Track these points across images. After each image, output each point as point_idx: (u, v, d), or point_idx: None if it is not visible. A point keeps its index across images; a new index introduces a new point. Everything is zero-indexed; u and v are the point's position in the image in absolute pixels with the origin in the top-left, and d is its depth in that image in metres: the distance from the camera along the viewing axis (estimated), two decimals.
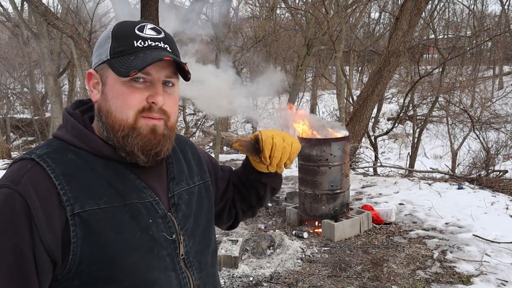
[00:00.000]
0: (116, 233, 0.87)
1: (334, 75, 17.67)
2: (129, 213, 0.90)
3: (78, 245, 0.84)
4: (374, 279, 3.57)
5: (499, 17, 18.98)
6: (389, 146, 16.71)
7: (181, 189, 1.05)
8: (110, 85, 0.93)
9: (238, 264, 3.80)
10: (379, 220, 4.82)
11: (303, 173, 4.76)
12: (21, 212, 0.81)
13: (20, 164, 0.89)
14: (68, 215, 0.84)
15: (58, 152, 0.91)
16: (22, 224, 0.81)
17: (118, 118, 0.92)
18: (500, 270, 3.64)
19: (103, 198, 0.88)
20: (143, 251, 0.90)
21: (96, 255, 0.85)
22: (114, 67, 0.91)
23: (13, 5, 12.74)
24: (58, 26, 5.17)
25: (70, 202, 0.85)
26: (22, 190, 0.83)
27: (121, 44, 0.92)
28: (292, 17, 14.02)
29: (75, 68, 14.39)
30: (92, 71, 0.97)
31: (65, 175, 0.87)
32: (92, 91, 0.97)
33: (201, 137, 13.02)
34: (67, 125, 0.97)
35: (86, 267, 0.85)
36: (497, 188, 6.08)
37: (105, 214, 0.87)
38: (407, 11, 7.19)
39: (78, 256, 0.84)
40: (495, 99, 16.87)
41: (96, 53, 0.97)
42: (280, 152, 1.14)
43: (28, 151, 0.92)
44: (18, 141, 17.77)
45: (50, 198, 0.84)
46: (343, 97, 9.82)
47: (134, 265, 0.89)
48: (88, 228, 0.85)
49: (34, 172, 0.86)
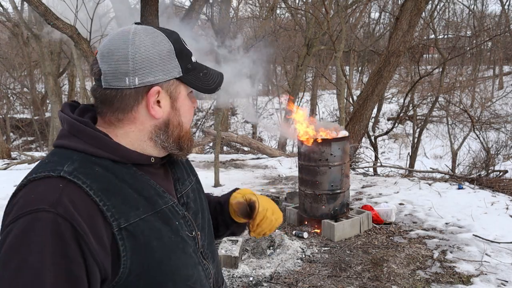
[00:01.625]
0: (158, 240, 0.90)
1: (334, 75, 17.67)
2: (161, 219, 0.93)
3: (128, 258, 0.86)
4: (374, 279, 3.57)
5: (499, 17, 18.99)
6: (389, 146, 16.71)
7: (186, 188, 1.09)
8: (182, 100, 0.99)
9: (238, 264, 3.80)
10: (379, 220, 4.82)
11: (303, 173, 4.76)
12: (69, 237, 0.78)
13: (47, 183, 0.83)
14: (115, 230, 0.84)
15: (85, 167, 0.87)
16: (73, 250, 0.78)
17: (186, 128, 1.02)
18: (500, 270, 3.64)
19: (140, 208, 0.90)
20: (178, 252, 0.95)
21: (144, 263, 0.87)
22: (193, 84, 0.98)
23: (13, 5, 12.74)
24: (58, 26, 5.16)
25: (115, 217, 0.85)
26: (64, 213, 0.79)
27: (187, 61, 0.97)
28: (292, 17, 14.03)
29: (75, 68, 14.38)
30: (160, 88, 0.93)
31: (103, 190, 0.85)
32: (154, 107, 0.94)
33: (201, 137, 13.01)
34: (80, 134, 0.91)
35: (134, 277, 0.87)
36: (497, 188, 6.08)
37: (145, 224, 0.89)
38: (407, 11, 7.19)
39: (127, 269, 0.86)
40: (495, 99, 16.88)
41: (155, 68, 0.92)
42: (267, 225, 1.24)
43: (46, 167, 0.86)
44: (18, 141, 17.77)
45: (94, 216, 0.82)
46: (343, 97, 9.82)
47: (175, 267, 0.94)
48: (135, 240, 0.87)
49: (69, 191, 0.82)
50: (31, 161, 9.77)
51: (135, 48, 0.90)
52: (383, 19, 19.23)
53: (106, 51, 0.92)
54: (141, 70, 0.91)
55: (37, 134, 17.16)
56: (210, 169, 8.45)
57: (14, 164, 9.68)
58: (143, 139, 0.96)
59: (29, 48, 16.92)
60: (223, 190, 6.66)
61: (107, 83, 0.91)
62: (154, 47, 0.92)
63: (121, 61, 0.90)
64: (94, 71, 0.93)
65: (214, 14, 10.61)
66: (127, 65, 0.90)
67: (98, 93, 0.94)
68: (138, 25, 0.96)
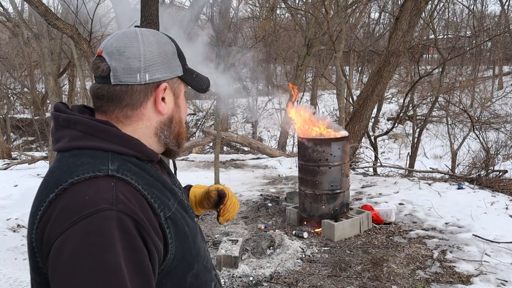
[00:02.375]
0: (187, 226, 0.99)
1: (334, 75, 17.68)
2: (182, 208, 1.01)
3: (174, 245, 0.93)
4: (374, 279, 3.58)
5: (499, 17, 19.00)
6: (389, 146, 16.71)
7: (176, 181, 1.16)
8: (182, 98, 1.07)
9: (238, 264, 3.80)
10: (379, 220, 4.82)
11: (303, 173, 4.77)
12: (134, 231, 0.82)
13: (98, 182, 0.84)
14: (162, 220, 0.91)
15: (124, 164, 0.91)
16: (139, 242, 0.82)
17: (184, 125, 1.09)
18: (500, 270, 3.65)
19: (171, 199, 0.97)
20: (198, 236, 1.07)
21: (183, 248, 0.96)
22: (191, 83, 1.07)
23: (13, 5, 12.74)
24: (58, 26, 5.16)
25: (161, 208, 0.91)
26: (124, 209, 0.82)
27: (184, 62, 1.05)
28: (292, 17, 14.03)
29: (75, 68, 14.38)
30: (167, 85, 1.00)
31: (146, 184, 0.91)
32: (161, 104, 1.00)
33: (201, 137, 13.01)
34: (103, 134, 0.92)
35: (175, 261, 0.94)
36: (497, 188, 6.08)
37: (178, 212, 0.97)
38: (407, 11, 7.20)
39: (173, 254, 0.93)
40: (495, 99, 16.89)
41: (162, 66, 0.98)
42: (234, 210, 1.40)
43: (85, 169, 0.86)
44: (18, 141, 17.77)
45: (146, 209, 0.87)
46: (343, 97, 9.83)
47: (198, 249, 1.03)
48: (176, 227, 0.94)
49: (121, 188, 0.85)
50: (31, 161, 9.77)
51: (145, 46, 0.96)
52: (383, 19, 19.25)
53: (115, 49, 0.95)
54: (151, 67, 0.96)
55: (37, 134, 17.16)
56: (210, 169, 8.45)
57: (15, 164, 9.69)
58: (149, 135, 1.01)
59: (30, 48, 16.93)
60: None
61: (117, 79, 0.94)
62: (162, 47, 0.99)
63: (132, 58, 0.94)
64: (102, 68, 0.95)
65: (214, 14, 10.61)
66: (139, 62, 0.95)
67: (105, 90, 0.95)
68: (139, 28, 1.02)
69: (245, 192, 6.62)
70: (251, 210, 5.62)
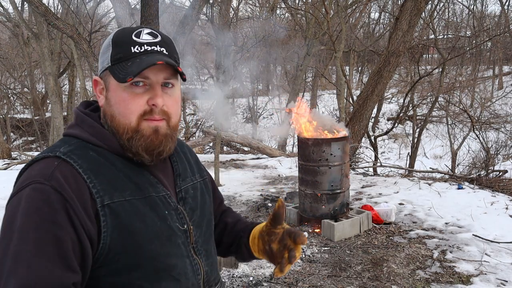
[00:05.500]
0: (141, 223, 0.95)
1: (334, 75, 17.68)
2: (149, 205, 0.98)
3: (108, 234, 0.90)
4: (374, 279, 3.58)
5: (499, 17, 19.01)
6: (389, 146, 16.72)
7: (186, 185, 1.12)
8: (112, 91, 1.00)
9: (238, 264, 3.80)
10: (379, 220, 4.82)
11: (303, 173, 4.77)
12: (58, 205, 0.86)
13: (45, 161, 0.93)
14: (99, 206, 0.91)
15: (80, 150, 0.97)
16: (61, 216, 0.86)
17: (121, 122, 0.99)
18: (500, 270, 3.64)
19: (127, 191, 0.95)
20: (163, 239, 0.98)
21: (125, 243, 0.92)
22: (114, 73, 0.98)
23: (13, 5, 12.74)
24: (58, 26, 5.17)
25: (99, 194, 0.91)
26: (55, 185, 0.88)
27: (120, 51, 0.99)
28: (292, 17, 14.04)
29: (75, 68, 14.38)
30: (97, 78, 1.04)
31: (92, 170, 0.93)
32: (99, 97, 1.04)
33: (201, 137, 13.02)
34: (82, 124, 1.02)
35: (114, 255, 0.91)
36: (496, 188, 6.08)
37: (130, 206, 0.94)
38: (407, 11, 7.20)
39: (107, 245, 0.91)
40: (495, 99, 16.88)
41: (100, 61, 1.04)
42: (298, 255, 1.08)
43: (47, 150, 0.97)
44: (18, 141, 17.77)
45: (82, 190, 0.90)
46: (343, 97, 9.83)
47: (157, 252, 0.96)
48: (117, 218, 0.92)
49: (62, 168, 0.91)
50: None
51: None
52: (383, 19, 19.25)
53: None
54: (99, 62, 1.06)
55: (37, 134, 17.16)
56: (210, 169, 8.45)
57: (15, 164, 9.68)
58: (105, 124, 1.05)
59: (30, 48, 16.93)
60: (223, 190, 6.67)
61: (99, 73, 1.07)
62: (104, 42, 1.05)
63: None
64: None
65: (214, 14, 10.62)
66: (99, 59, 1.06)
67: None
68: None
69: (245, 192, 6.63)
70: (251, 210, 5.62)
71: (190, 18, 6.01)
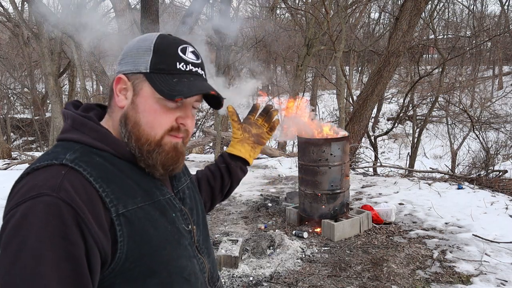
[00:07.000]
0: (154, 229, 0.93)
1: (334, 75, 17.67)
2: (158, 210, 0.97)
3: (125, 243, 0.88)
4: (374, 279, 3.58)
5: (499, 17, 19.01)
6: (389, 146, 16.73)
7: (182, 185, 1.13)
8: (143, 98, 0.96)
9: (238, 264, 3.80)
10: (379, 220, 4.83)
11: (303, 173, 4.77)
12: (69, 220, 0.80)
13: (50, 170, 0.86)
14: (113, 216, 0.87)
15: (86, 156, 0.91)
16: (74, 232, 0.80)
17: (146, 132, 0.96)
18: (500, 270, 3.65)
19: (137, 197, 0.93)
20: (174, 242, 0.98)
21: (141, 251, 0.90)
22: (155, 84, 0.94)
23: (13, 5, 12.74)
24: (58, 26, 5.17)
25: (113, 203, 0.88)
26: (65, 197, 0.81)
27: (163, 62, 0.96)
28: (292, 17, 14.04)
29: (75, 68, 14.39)
30: (123, 76, 0.98)
31: (102, 178, 0.89)
32: (118, 96, 0.98)
33: (201, 137, 13.02)
34: (82, 128, 0.96)
35: (130, 263, 0.89)
36: (496, 188, 6.09)
37: (143, 212, 0.92)
38: (407, 11, 7.20)
39: (124, 254, 0.88)
40: (495, 99, 16.88)
41: (130, 60, 0.98)
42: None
43: (48, 157, 0.89)
44: (18, 141, 17.78)
45: (94, 201, 0.85)
46: (343, 97, 9.83)
47: (169, 256, 0.96)
48: (132, 226, 0.89)
49: (71, 177, 0.85)
50: (31, 161, 9.77)
51: (129, 42, 1.02)
52: (383, 19, 19.25)
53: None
54: (123, 60, 1.00)
55: (37, 134, 17.17)
56: None
57: (15, 164, 9.69)
58: (117, 127, 1.00)
59: (30, 48, 16.94)
60: None
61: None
62: (139, 43, 0.99)
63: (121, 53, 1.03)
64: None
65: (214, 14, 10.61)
66: (120, 56, 1.02)
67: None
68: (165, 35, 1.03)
69: (245, 192, 6.63)
70: (251, 210, 5.63)
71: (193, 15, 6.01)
